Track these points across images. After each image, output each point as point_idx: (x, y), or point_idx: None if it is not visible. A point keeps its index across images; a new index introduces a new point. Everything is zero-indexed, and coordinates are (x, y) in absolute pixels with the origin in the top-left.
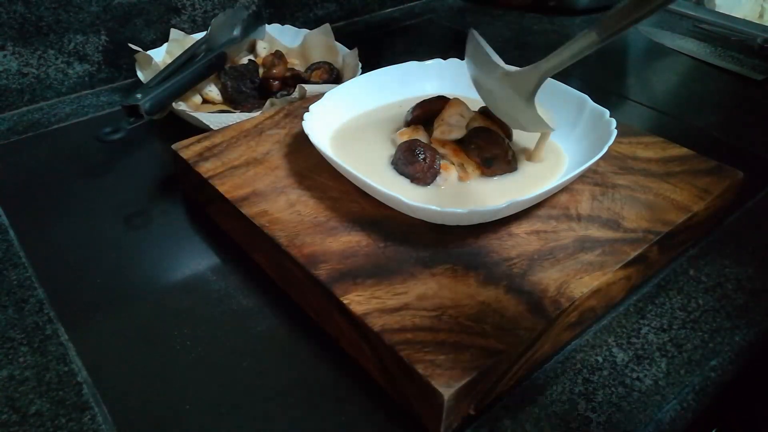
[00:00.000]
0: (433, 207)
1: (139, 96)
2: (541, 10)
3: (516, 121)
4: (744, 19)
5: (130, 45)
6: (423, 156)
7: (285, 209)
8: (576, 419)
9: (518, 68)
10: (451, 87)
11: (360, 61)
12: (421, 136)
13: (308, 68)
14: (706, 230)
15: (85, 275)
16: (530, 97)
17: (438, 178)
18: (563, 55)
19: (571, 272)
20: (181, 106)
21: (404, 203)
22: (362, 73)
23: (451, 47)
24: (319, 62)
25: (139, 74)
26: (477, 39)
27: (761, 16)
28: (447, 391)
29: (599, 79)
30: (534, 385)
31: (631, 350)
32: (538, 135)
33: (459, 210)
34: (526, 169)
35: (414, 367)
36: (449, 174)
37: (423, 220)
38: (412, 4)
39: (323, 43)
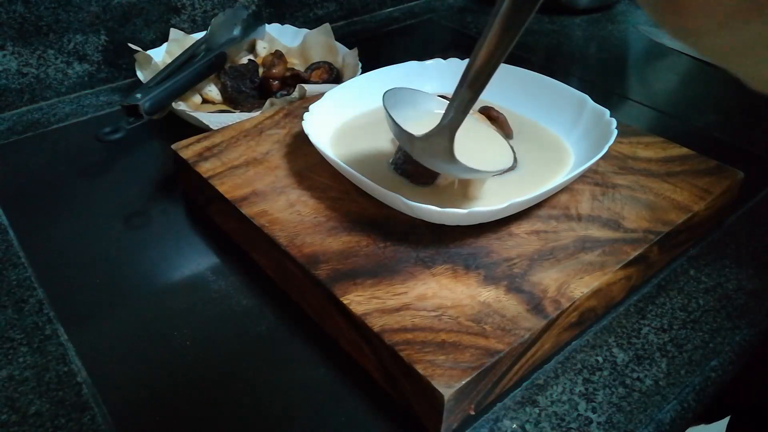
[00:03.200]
0: (433, 207)
1: (138, 96)
2: (546, 10)
3: (456, 173)
4: None
5: (130, 45)
6: None
7: (285, 209)
8: (576, 419)
9: (427, 133)
10: (451, 87)
11: (360, 61)
12: None
13: (308, 68)
14: (706, 230)
15: (85, 275)
16: (450, 155)
17: (438, 178)
18: (460, 106)
19: (571, 272)
20: (180, 106)
21: (404, 203)
22: (362, 73)
23: (451, 47)
24: (319, 62)
25: (139, 74)
26: (386, 106)
27: None
28: (447, 391)
29: (599, 79)
30: (534, 385)
31: (632, 350)
32: (538, 131)
33: (459, 210)
34: (527, 168)
35: (414, 367)
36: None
37: (423, 220)
38: (412, 4)
39: (323, 42)
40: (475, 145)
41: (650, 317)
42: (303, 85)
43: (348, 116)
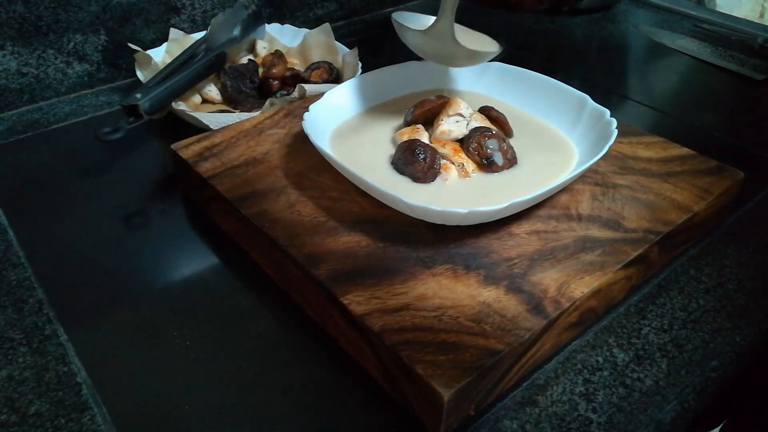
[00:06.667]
0: (433, 207)
1: (138, 96)
2: (546, 10)
3: (461, 61)
4: (744, 19)
5: (130, 45)
6: (423, 156)
7: (285, 209)
8: (576, 420)
9: (431, 25)
10: (450, 86)
11: (360, 60)
12: (421, 135)
13: (308, 68)
14: (706, 230)
15: (85, 275)
16: (453, 39)
17: (438, 178)
18: None
19: (571, 272)
20: (180, 105)
21: (404, 203)
22: (362, 73)
23: None
24: (319, 62)
25: (139, 74)
26: (396, 23)
27: (761, 15)
28: (447, 391)
29: (599, 79)
30: (534, 385)
31: (632, 350)
32: (539, 131)
33: (459, 210)
34: (527, 167)
35: (414, 368)
36: (449, 174)
37: (423, 220)
38: (412, 4)
39: (323, 42)
40: (468, 42)
41: (650, 317)
42: (303, 85)
43: (348, 116)
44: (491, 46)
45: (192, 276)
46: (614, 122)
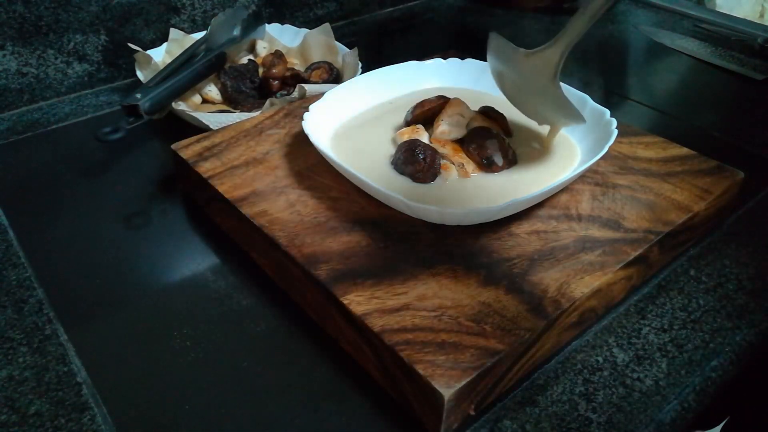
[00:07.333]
0: (433, 207)
1: (138, 96)
2: (555, 11)
3: (543, 113)
4: (744, 19)
5: (130, 45)
6: (423, 156)
7: (285, 209)
8: (576, 420)
9: (538, 48)
10: (450, 86)
11: (360, 61)
12: (421, 135)
13: (308, 68)
14: (706, 230)
15: (85, 275)
16: (554, 76)
17: (438, 178)
18: (580, 22)
19: (571, 272)
20: (180, 105)
21: (404, 203)
22: (362, 73)
23: (451, 47)
24: (319, 62)
25: (139, 74)
26: (498, 37)
27: (761, 15)
28: (447, 391)
29: (599, 79)
30: (534, 385)
31: (632, 350)
32: (539, 131)
33: (459, 210)
34: (527, 167)
35: (414, 368)
36: (449, 174)
37: (423, 220)
38: (412, 4)
39: (323, 42)
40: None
41: (650, 317)
42: (303, 85)
43: (348, 116)
44: (579, 114)
45: (192, 276)
46: (614, 122)
